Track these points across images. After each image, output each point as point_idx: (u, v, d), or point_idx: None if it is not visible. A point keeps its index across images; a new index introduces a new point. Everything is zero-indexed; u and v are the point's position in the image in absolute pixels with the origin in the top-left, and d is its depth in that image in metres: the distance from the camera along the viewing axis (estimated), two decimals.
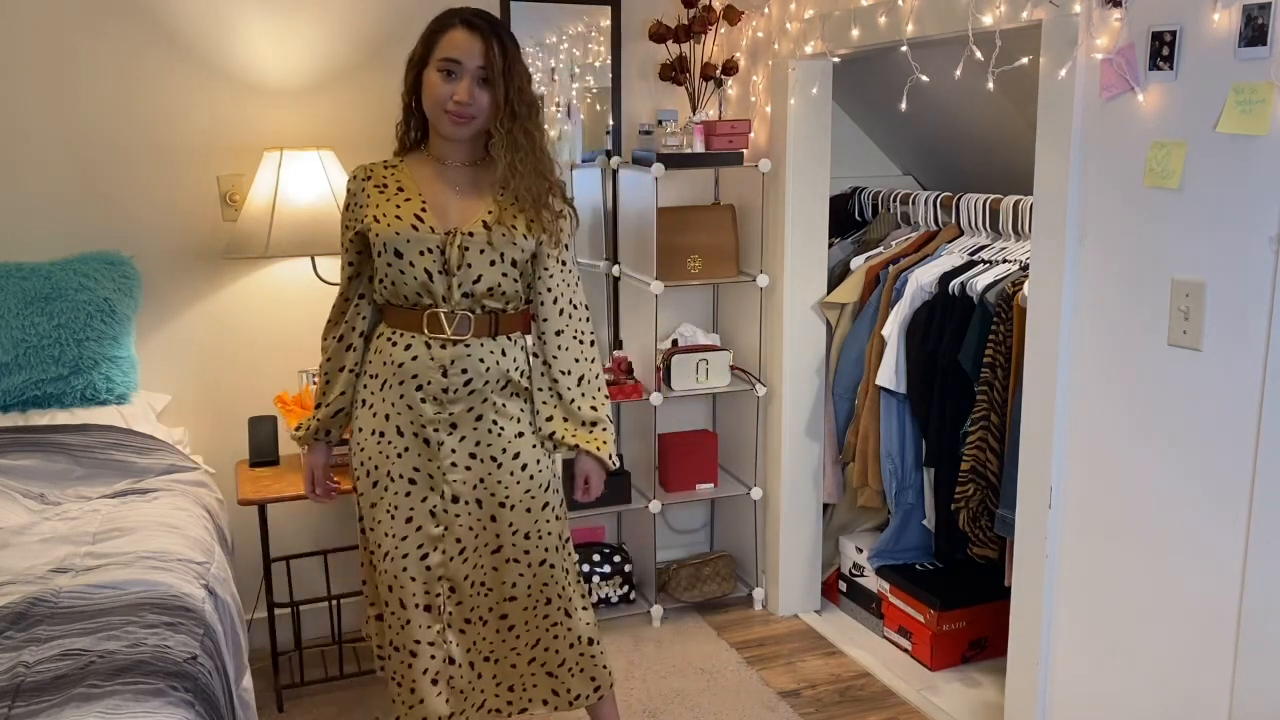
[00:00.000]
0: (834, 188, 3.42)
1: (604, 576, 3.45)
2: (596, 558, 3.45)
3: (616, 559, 3.49)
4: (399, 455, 2.21)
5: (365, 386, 2.27)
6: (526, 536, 2.27)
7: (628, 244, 3.45)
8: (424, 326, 2.17)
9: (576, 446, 2.27)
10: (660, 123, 3.28)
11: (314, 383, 3.06)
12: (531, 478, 2.26)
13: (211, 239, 3.09)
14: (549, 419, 2.27)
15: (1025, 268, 2.85)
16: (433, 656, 2.25)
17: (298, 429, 2.39)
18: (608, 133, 3.44)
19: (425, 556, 2.23)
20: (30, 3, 2.86)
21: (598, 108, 3.44)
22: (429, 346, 2.17)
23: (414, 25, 3.22)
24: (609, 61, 3.40)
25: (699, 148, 3.29)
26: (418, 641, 2.24)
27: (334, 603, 3.08)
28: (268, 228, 2.88)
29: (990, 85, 2.36)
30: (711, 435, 3.62)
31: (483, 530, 2.25)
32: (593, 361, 2.30)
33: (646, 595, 3.56)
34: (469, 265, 2.15)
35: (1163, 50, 1.99)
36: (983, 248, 3.16)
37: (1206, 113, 1.93)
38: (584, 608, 2.37)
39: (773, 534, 3.50)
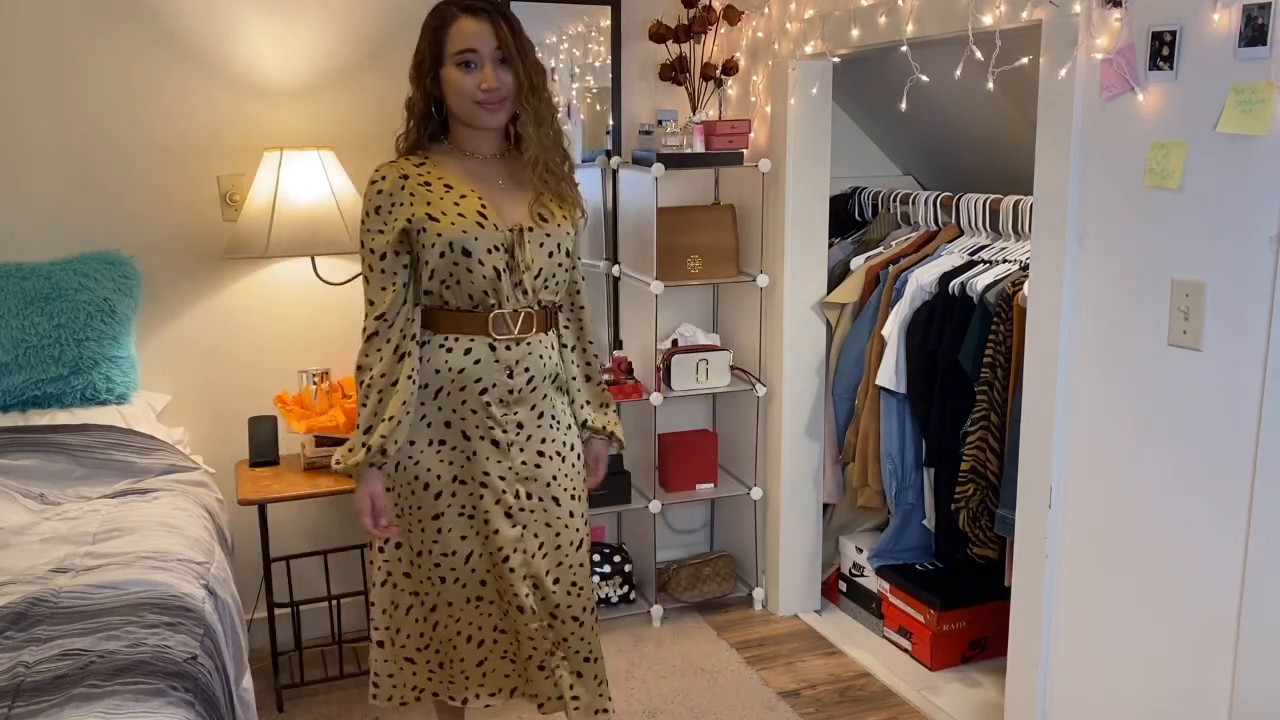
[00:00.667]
0: (834, 188, 3.42)
1: (604, 576, 3.45)
2: (596, 558, 3.45)
3: (616, 559, 3.49)
4: (468, 459, 2.14)
5: (405, 394, 2.11)
6: (589, 524, 2.32)
7: (628, 244, 3.45)
8: (489, 329, 2.10)
9: (610, 432, 2.33)
10: (660, 123, 3.28)
11: (314, 383, 3.07)
12: (584, 469, 2.32)
13: (211, 239, 3.09)
14: (584, 404, 2.31)
15: (1025, 268, 2.85)
16: (535, 649, 2.22)
17: (338, 462, 2.15)
18: (608, 133, 3.44)
19: (507, 559, 2.17)
20: (30, 3, 2.86)
21: (598, 108, 3.44)
22: (493, 349, 2.11)
23: (414, 25, 3.22)
24: (609, 61, 3.40)
25: (699, 148, 3.29)
26: (501, 631, 2.24)
27: (334, 603, 3.08)
28: (268, 228, 2.88)
29: (990, 85, 2.36)
30: (711, 435, 3.62)
31: (564, 529, 2.22)
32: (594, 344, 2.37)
33: (646, 595, 3.56)
34: (531, 261, 2.11)
35: (1163, 50, 1.99)
36: (983, 248, 3.16)
37: (1206, 113, 1.93)
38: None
39: (773, 534, 3.50)
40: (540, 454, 2.19)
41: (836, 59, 3.09)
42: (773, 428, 3.45)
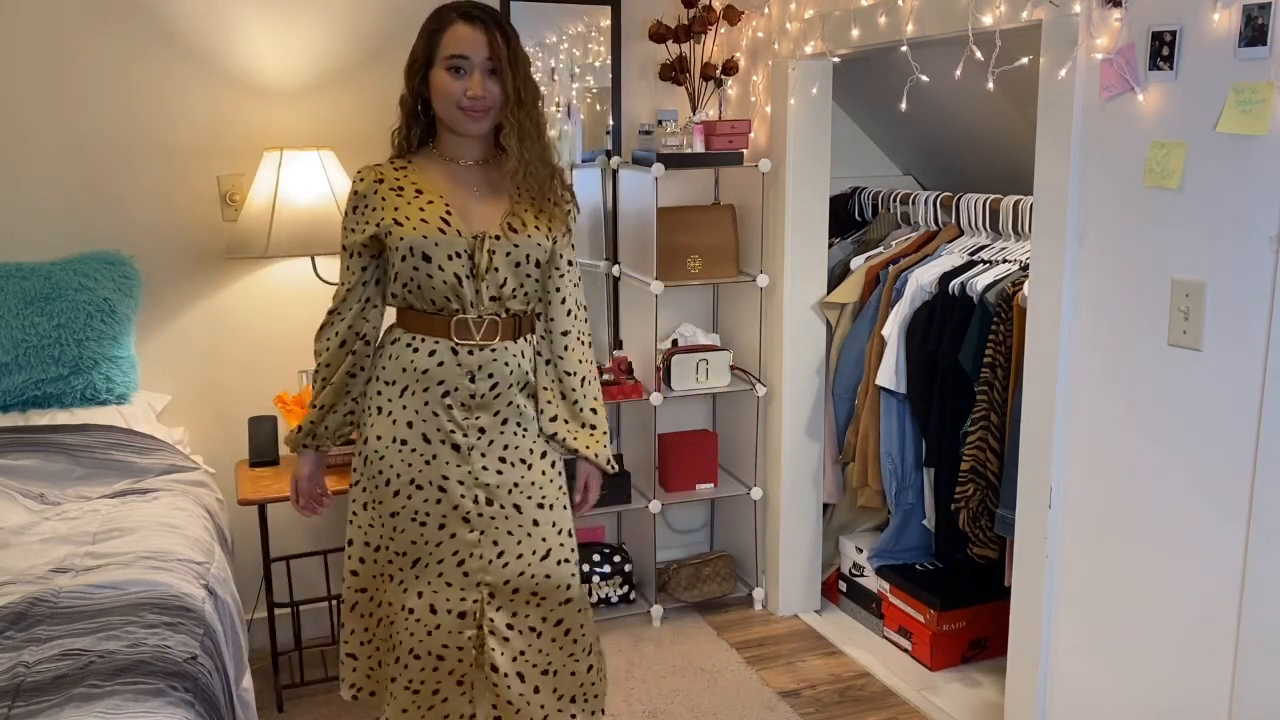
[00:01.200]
0: (834, 188, 3.42)
1: (604, 576, 3.45)
2: (596, 558, 3.45)
3: (616, 559, 3.49)
4: (426, 463, 2.13)
5: (380, 393, 2.17)
6: (570, 534, 2.24)
7: (628, 244, 3.45)
8: (451, 333, 2.11)
9: (575, 451, 2.25)
10: (660, 123, 3.28)
11: (316, 393, 3.07)
12: (560, 474, 2.25)
13: (211, 239, 3.09)
14: (553, 419, 2.23)
15: (1025, 268, 2.85)
16: (460, 660, 2.16)
17: (287, 440, 2.26)
18: (608, 133, 3.44)
19: (461, 563, 2.14)
20: (31, 3, 2.86)
21: (598, 108, 3.44)
22: (455, 352, 2.11)
23: (414, 25, 3.22)
24: (609, 61, 3.40)
25: (699, 148, 3.29)
26: (445, 646, 2.15)
27: (334, 603, 3.08)
28: (268, 228, 2.88)
29: (990, 85, 2.36)
30: (711, 435, 3.62)
31: (526, 537, 2.17)
32: (592, 364, 2.29)
33: (646, 595, 3.56)
34: (496, 269, 2.10)
35: (1163, 50, 1.99)
36: (983, 248, 3.16)
37: (1206, 113, 1.93)
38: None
39: (773, 534, 3.50)
40: (502, 460, 2.16)
41: (836, 59, 3.09)
42: (773, 428, 3.45)
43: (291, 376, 3.16)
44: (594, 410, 2.27)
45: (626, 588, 3.50)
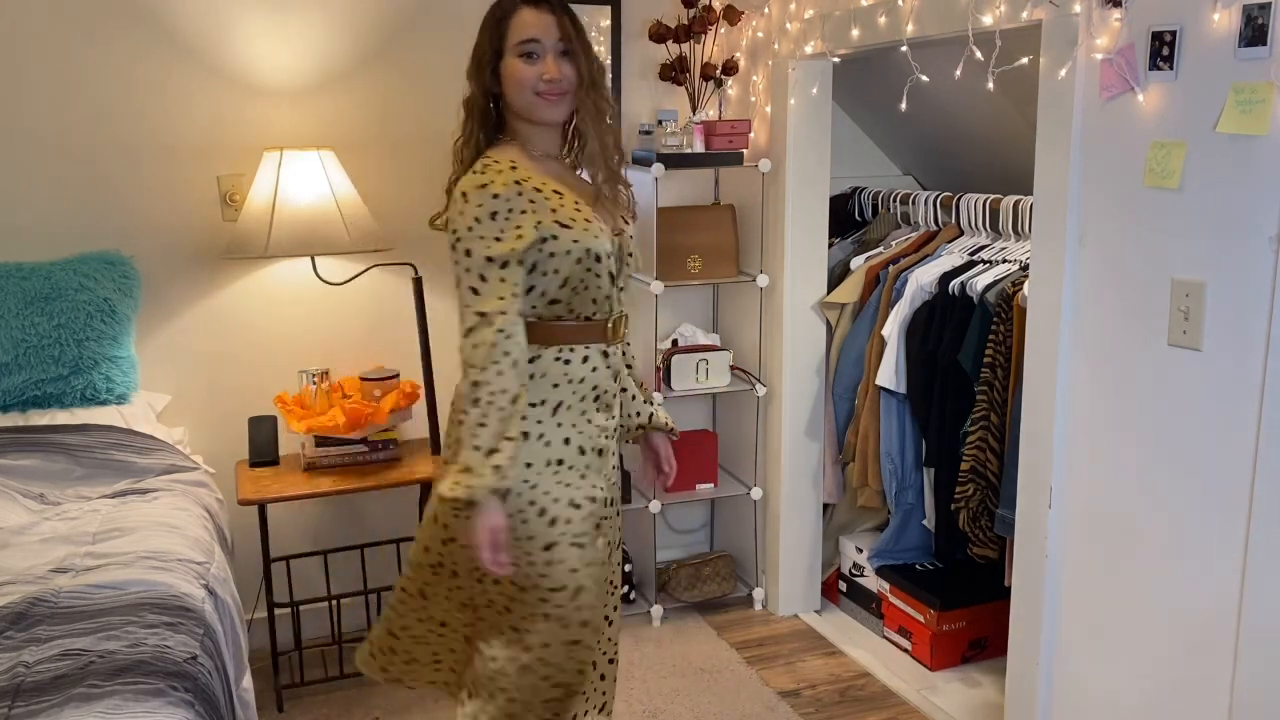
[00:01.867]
0: (834, 188, 3.42)
1: None
2: None
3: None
4: (581, 478, 2.00)
5: (524, 419, 1.94)
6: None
7: None
8: (608, 335, 2.02)
9: (663, 423, 2.27)
10: (660, 123, 3.28)
11: (314, 383, 3.07)
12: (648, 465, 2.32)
13: (211, 239, 3.09)
14: (643, 399, 2.25)
15: (1025, 268, 2.85)
16: (606, 658, 2.19)
17: (455, 485, 1.85)
18: None
19: (611, 573, 2.13)
20: (32, 3, 2.86)
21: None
22: (605, 356, 2.03)
23: (414, 25, 3.24)
24: (609, 61, 3.40)
25: (699, 148, 3.29)
26: (602, 653, 2.16)
27: (334, 603, 3.08)
28: (268, 228, 2.88)
29: (990, 85, 2.36)
30: (711, 435, 3.62)
31: (618, 530, 2.19)
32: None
33: (646, 595, 3.56)
34: (626, 264, 2.08)
35: (1163, 50, 1.99)
36: (983, 248, 3.16)
37: (1206, 113, 1.93)
38: None
39: (773, 534, 3.50)
40: (613, 453, 2.13)
41: (836, 59, 3.09)
42: (773, 428, 3.45)
43: (291, 376, 3.16)
44: (646, 388, 2.31)
45: (626, 588, 3.50)
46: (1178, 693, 2.11)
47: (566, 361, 1.98)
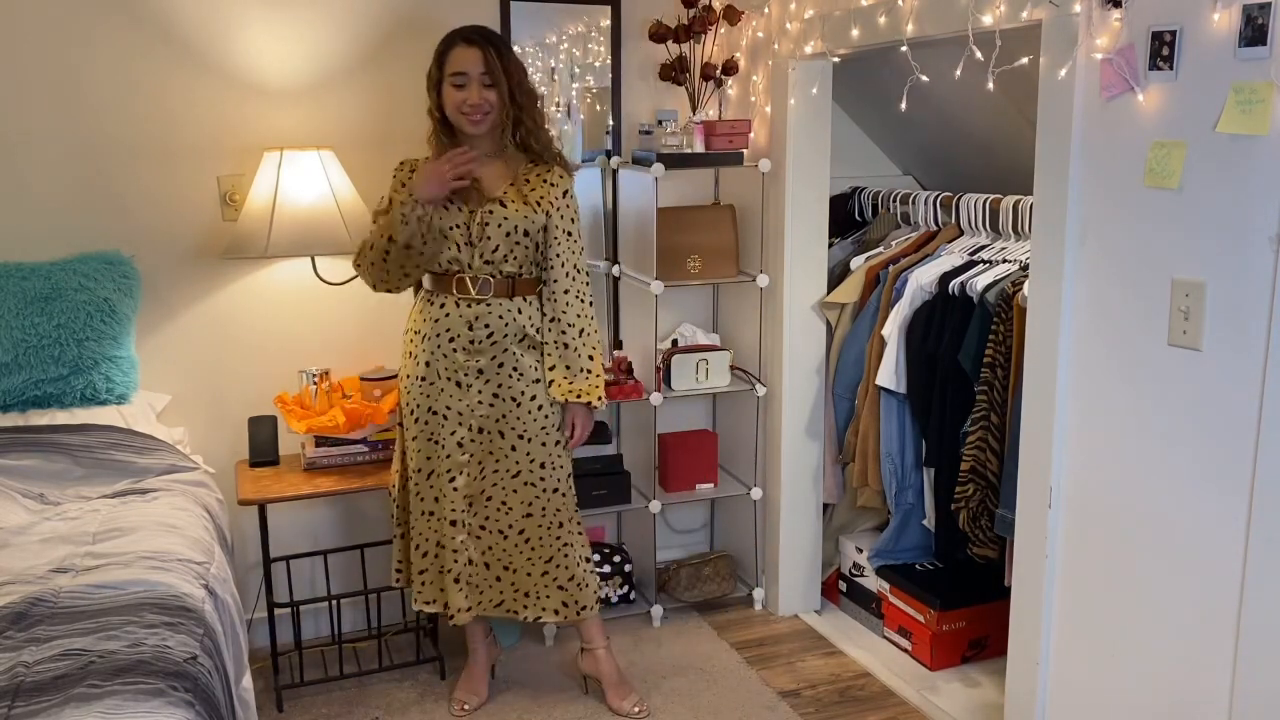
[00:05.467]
0: (834, 188, 3.42)
1: (604, 576, 3.45)
2: (596, 557, 3.44)
3: (616, 559, 3.49)
4: (439, 393, 2.70)
5: (410, 341, 2.75)
6: (542, 465, 2.75)
7: (628, 244, 3.45)
8: (453, 289, 2.67)
9: (565, 400, 2.73)
10: (660, 123, 3.28)
11: (314, 383, 3.08)
12: (547, 417, 2.76)
13: (211, 239, 3.09)
14: (551, 368, 2.73)
15: (1025, 268, 2.85)
16: (455, 560, 2.74)
17: (399, 204, 2.62)
18: (608, 133, 3.44)
19: (453, 479, 2.72)
20: (31, 3, 2.86)
21: (598, 108, 3.44)
22: (458, 305, 2.67)
23: (413, 25, 3.24)
24: (609, 61, 3.40)
25: (699, 148, 3.29)
26: (441, 546, 2.76)
27: (334, 603, 3.08)
28: (268, 228, 2.88)
29: (990, 85, 2.36)
30: (711, 435, 3.62)
31: (504, 457, 2.73)
32: (591, 319, 2.76)
33: (646, 595, 3.56)
34: (488, 238, 2.64)
35: (1163, 50, 1.99)
36: (983, 248, 3.16)
37: (1206, 113, 1.93)
38: (583, 532, 2.86)
39: (773, 534, 3.50)
40: (495, 396, 2.71)
41: (836, 59, 3.09)
42: (773, 428, 3.45)
43: (291, 376, 3.16)
44: (590, 357, 2.75)
45: (626, 588, 3.50)
46: (1177, 693, 2.11)
47: (430, 303, 2.71)
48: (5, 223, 2.90)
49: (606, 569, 3.46)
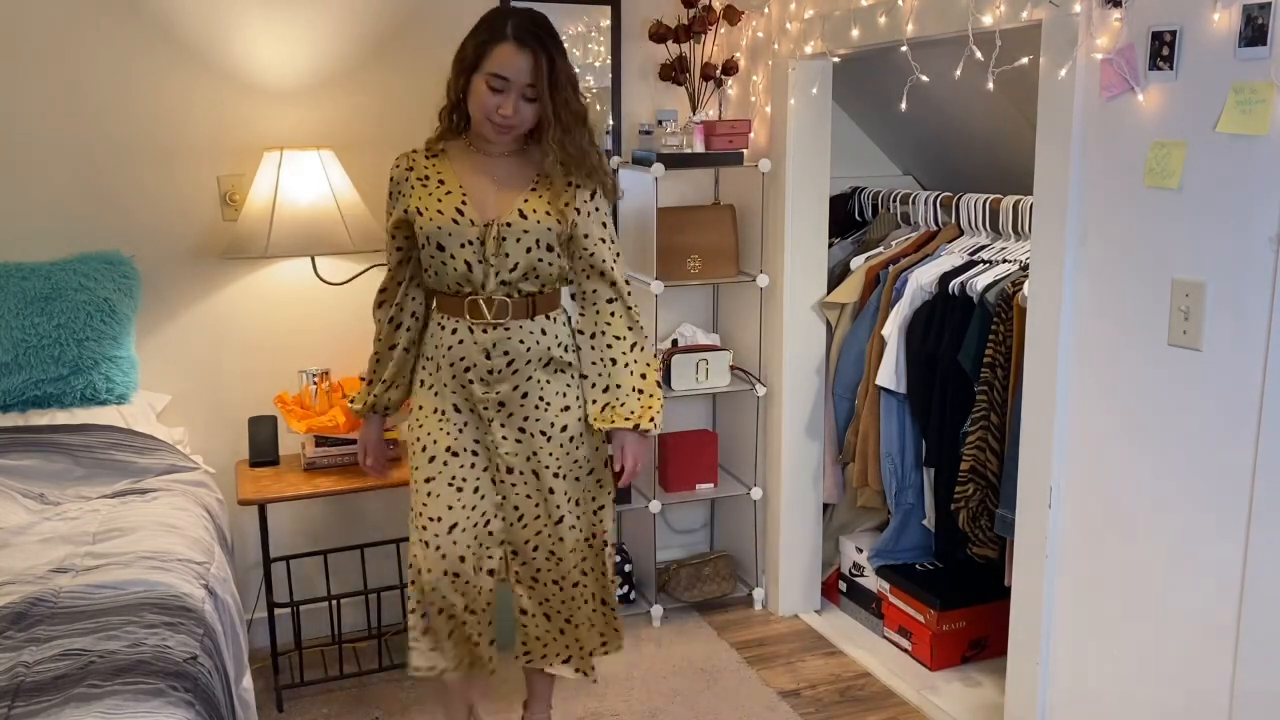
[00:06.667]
0: (834, 188, 3.42)
1: None
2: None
3: (617, 559, 3.48)
4: (460, 430, 2.34)
5: (424, 368, 2.40)
6: (578, 504, 2.41)
7: (628, 244, 3.45)
8: (466, 312, 2.29)
9: (610, 428, 2.37)
10: (660, 123, 3.28)
11: (314, 383, 3.07)
12: (579, 449, 2.38)
13: (211, 239, 3.09)
14: (594, 388, 2.37)
15: (1025, 268, 2.85)
16: (484, 611, 2.41)
17: (353, 400, 2.55)
18: (608, 133, 3.44)
19: (489, 523, 2.37)
20: (31, 3, 2.86)
21: (598, 108, 3.44)
22: (472, 331, 2.29)
23: (413, 25, 3.23)
24: (609, 61, 3.40)
25: (699, 148, 3.29)
26: (473, 601, 2.38)
27: (334, 603, 3.08)
28: (268, 228, 2.88)
29: (990, 85, 2.36)
30: (711, 435, 3.62)
31: (543, 501, 2.38)
32: (641, 329, 2.40)
33: (646, 595, 3.56)
34: (506, 254, 2.25)
35: (1163, 50, 1.99)
36: (983, 248, 3.16)
37: (1206, 113, 1.93)
38: (615, 577, 2.57)
39: (773, 534, 3.50)
40: (521, 431, 2.34)
41: (836, 59, 3.09)
42: (773, 428, 3.45)
43: (291, 376, 3.16)
44: (643, 375, 2.38)
45: (626, 588, 3.50)
46: (1178, 692, 2.11)
47: (441, 327, 2.34)
48: (5, 223, 2.90)
49: None
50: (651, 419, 2.35)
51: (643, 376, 2.37)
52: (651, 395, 2.37)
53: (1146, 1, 2.03)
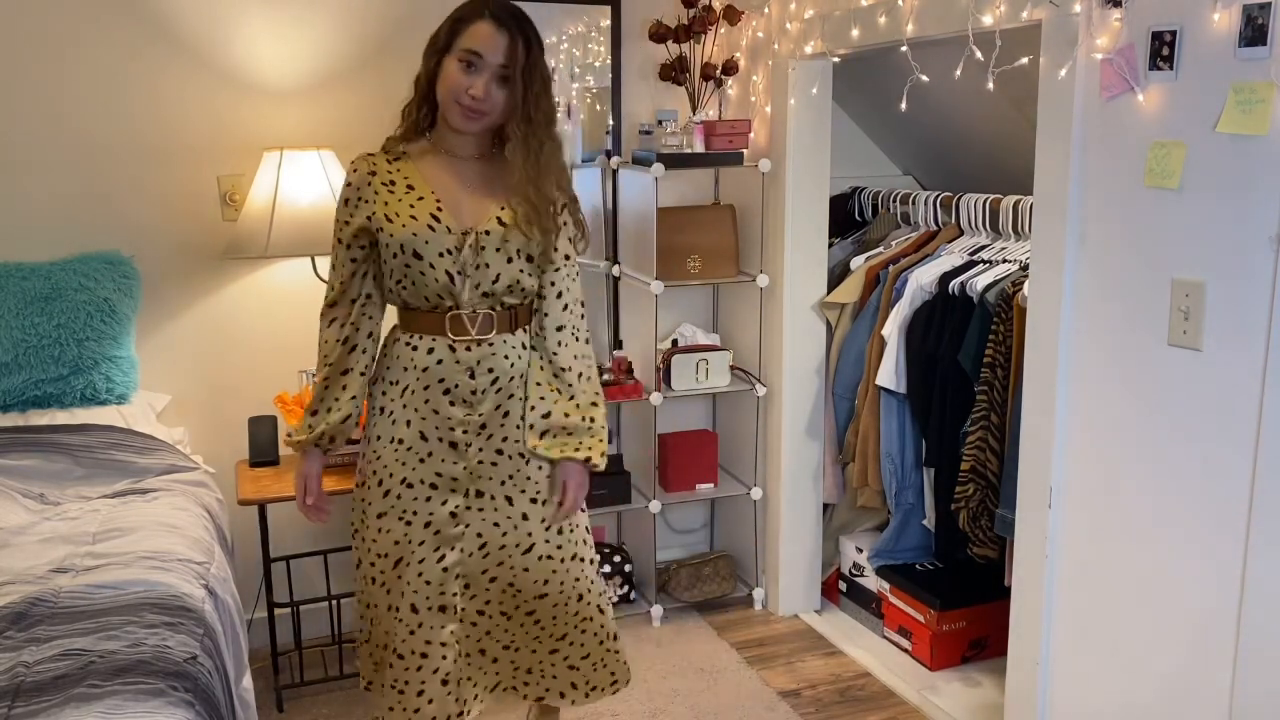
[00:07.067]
0: (834, 188, 3.42)
1: (604, 576, 3.45)
2: (612, 595, 3.45)
3: (616, 559, 3.49)
4: (420, 461, 2.13)
5: (384, 394, 2.17)
6: (559, 532, 2.22)
7: (628, 244, 3.45)
8: (447, 329, 2.11)
9: (553, 461, 2.19)
10: (660, 123, 3.28)
11: (314, 383, 3.07)
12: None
13: (211, 239, 3.09)
14: (532, 426, 2.17)
15: (1025, 268, 2.85)
16: (444, 657, 2.18)
17: (293, 432, 2.25)
18: (608, 133, 3.44)
19: (442, 558, 2.15)
20: (31, 3, 2.86)
21: (598, 108, 3.44)
22: (453, 349, 2.11)
23: (413, 25, 3.23)
24: (609, 61, 3.40)
25: (699, 148, 3.29)
26: (429, 643, 2.16)
27: (334, 603, 3.08)
28: (268, 228, 2.88)
29: (990, 85, 2.36)
30: (711, 435, 3.62)
31: (513, 529, 2.17)
32: (589, 359, 2.24)
33: (646, 595, 3.56)
34: (486, 265, 2.09)
35: (1163, 50, 1.99)
36: (983, 248, 3.16)
37: (1206, 113, 1.93)
38: (609, 603, 2.34)
39: (773, 534, 3.50)
40: (499, 452, 2.16)
41: (836, 59, 3.10)
42: (773, 428, 3.45)
43: (291, 376, 3.16)
44: (594, 404, 2.22)
45: (626, 588, 3.50)
46: (1178, 693, 2.11)
47: (412, 347, 2.13)
48: (5, 223, 2.90)
49: (607, 569, 3.46)
50: (602, 453, 2.21)
51: (593, 404, 2.21)
52: (602, 427, 2.22)
53: (1146, 1, 2.03)
